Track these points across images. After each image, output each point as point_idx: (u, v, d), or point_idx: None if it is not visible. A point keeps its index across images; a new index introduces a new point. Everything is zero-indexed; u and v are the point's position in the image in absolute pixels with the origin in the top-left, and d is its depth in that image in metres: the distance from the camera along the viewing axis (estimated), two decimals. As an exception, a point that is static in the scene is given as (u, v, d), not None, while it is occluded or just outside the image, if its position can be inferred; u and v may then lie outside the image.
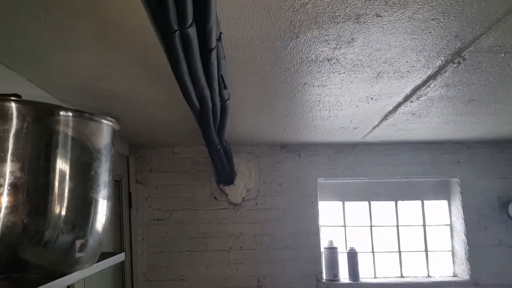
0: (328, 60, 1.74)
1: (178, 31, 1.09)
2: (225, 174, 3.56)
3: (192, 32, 1.12)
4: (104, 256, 1.16)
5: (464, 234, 3.78)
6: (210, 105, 1.81)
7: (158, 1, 0.96)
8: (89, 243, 1.00)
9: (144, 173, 3.71)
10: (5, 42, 1.46)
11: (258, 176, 3.82)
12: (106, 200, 1.03)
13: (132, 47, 1.54)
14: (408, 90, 2.18)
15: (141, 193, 3.67)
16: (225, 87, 1.81)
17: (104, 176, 1.00)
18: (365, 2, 1.27)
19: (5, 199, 0.86)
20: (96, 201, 0.99)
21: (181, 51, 1.20)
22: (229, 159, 3.31)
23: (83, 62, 1.68)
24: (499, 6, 1.31)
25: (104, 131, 1.01)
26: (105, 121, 1.01)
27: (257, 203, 3.77)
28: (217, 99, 1.82)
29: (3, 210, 0.85)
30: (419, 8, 1.31)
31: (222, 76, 1.66)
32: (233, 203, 3.75)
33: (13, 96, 0.99)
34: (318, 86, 2.09)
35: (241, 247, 3.68)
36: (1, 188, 0.85)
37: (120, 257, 1.21)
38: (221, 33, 1.35)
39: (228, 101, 2.00)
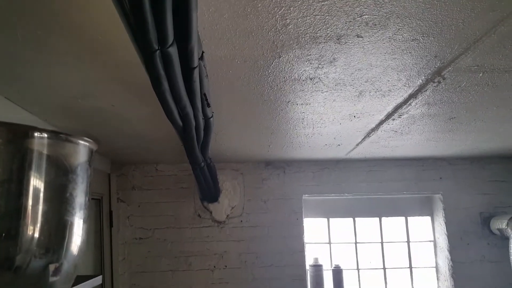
0: (311, 79, 1.75)
1: (158, 51, 1.08)
2: (209, 192, 3.53)
3: (173, 51, 1.11)
4: (79, 279, 1.12)
5: (448, 250, 3.80)
6: (193, 122, 1.80)
7: (138, 21, 0.96)
8: (63, 267, 0.96)
9: (126, 191, 3.64)
10: (-18, 60, 1.43)
11: (243, 193, 3.79)
12: (82, 222, 1.00)
13: (114, 65, 1.52)
14: (390, 108, 2.20)
15: (122, 211, 3.60)
16: (208, 105, 1.79)
17: (80, 197, 0.97)
18: (346, 23, 1.28)
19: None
20: (71, 223, 0.96)
21: (162, 70, 1.18)
22: (213, 176, 3.28)
23: (64, 81, 1.65)
24: (476, 27, 1.34)
25: (81, 152, 0.98)
26: (82, 142, 0.98)
27: (241, 221, 3.73)
28: (200, 117, 1.81)
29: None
30: (399, 29, 1.33)
31: (205, 94, 1.65)
32: (217, 221, 3.70)
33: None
34: (302, 104, 2.10)
35: (225, 266, 3.62)
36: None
37: (97, 280, 1.17)
38: (203, 52, 1.35)
39: (211, 119, 1.99)
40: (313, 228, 4.00)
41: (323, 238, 3.99)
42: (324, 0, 1.15)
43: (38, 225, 0.89)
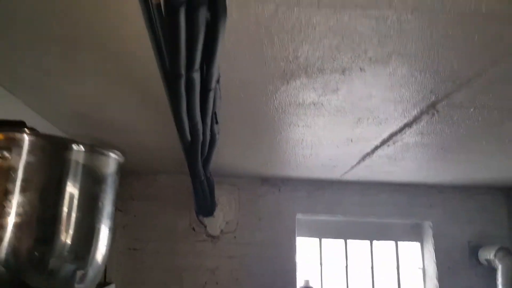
0: (314, 104, 1.87)
1: (184, 75, 1.18)
2: (205, 205, 3.57)
3: (197, 76, 1.21)
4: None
5: (436, 278, 3.82)
6: (201, 138, 1.88)
7: (172, 48, 1.05)
8: (88, 275, 1.02)
9: (124, 200, 3.68)
10: (13, 70, 1.53)
11: (238, 209, 3.84)
12: (108, 231, 1.08)
13: (132, 81, 1.63)
14: (385, 135, 2.32)
15: (119, 220, 3.63)
16: (216, 122, 1.89)
17: (108, 206, 1.06)
18: (351, 58, 1.41)
19: (13, 228, 0.90)
20: (100, 231, 1.04)
21: (184, 92, 1.28)
22: (211, 190, 3.34)
23: (83, 92, 1.76)
24: (468, 69, 1.47)
25: (110, 164, 1.08)
26: (113, 154, 1.08)
27: (235, 237, 3.76)
28: (208, 133, 1.90)
29: (11, 237, 0.89)
30: (398, 65, 1.46)
31: (215, 112, 1.75)
32: (211, 235, 3.74)
33: (18, 123, 1.05)
34: (303, 126, 2.21)
35: (217, 283, 3.63)
36: (9, 217, 0.89)
37: None
38: (219, 75, 1.46)
39: (217, 135, 2.08)
40: (304, 248, 4.03)
41: (314, 259, 4.02)
42: (334, 38, 1.28)
43: (71, 231, 0.97)
